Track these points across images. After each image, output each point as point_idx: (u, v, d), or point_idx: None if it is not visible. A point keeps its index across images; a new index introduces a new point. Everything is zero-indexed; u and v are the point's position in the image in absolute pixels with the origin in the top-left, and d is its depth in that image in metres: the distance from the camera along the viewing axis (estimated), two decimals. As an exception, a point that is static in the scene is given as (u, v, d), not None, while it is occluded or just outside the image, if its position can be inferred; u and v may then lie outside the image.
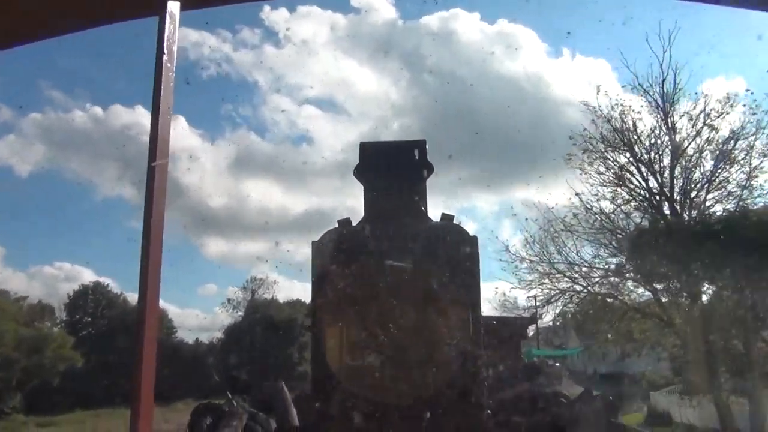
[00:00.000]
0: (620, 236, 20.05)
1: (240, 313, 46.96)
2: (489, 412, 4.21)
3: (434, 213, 4.64)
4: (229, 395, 5.76)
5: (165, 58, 1.89)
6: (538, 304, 22.24)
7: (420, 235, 4.19)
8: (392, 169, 4.39)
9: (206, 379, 41.32)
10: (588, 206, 20.23)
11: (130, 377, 1.79)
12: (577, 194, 20.41)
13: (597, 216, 20.58)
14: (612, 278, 21.37)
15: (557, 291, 21.69)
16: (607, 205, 20.57)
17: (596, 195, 20.55)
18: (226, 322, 46.31)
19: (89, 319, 43.32)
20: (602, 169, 20.31)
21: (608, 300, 21.46)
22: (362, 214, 4.67)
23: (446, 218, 4.43)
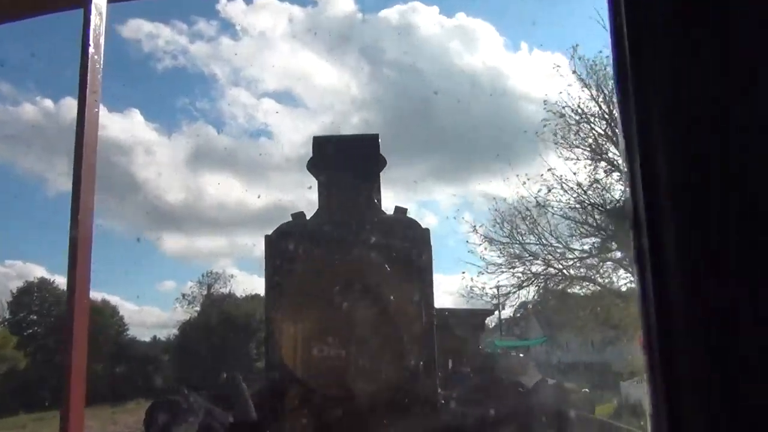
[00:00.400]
0: (599, 212, 18.43)
1: (196, 309, 45.72)
2: (443, 401, 4.29)
3: (392, 206, 4.69)
4: (186, 391, 5.69)
5: (91, 50, 1.86)
6: (509, 290, 20.52)
7: (372, 229, 4.21)
8: (345, 163, 4.39)
9: (161, 377, 40.47)
10: (563, 180, 18.66)
11: (61, 379, 1.78)
12: (549, 169, 19.03)
13: (573, 190, 18.81)
14: (589, 259, 19.47)
15: (530, 275, 19.94)
16: (584, 179, 18.85)
17: (572, 169, 18.92)
18: (182, 318, 45.48)
19: (34, 317, 42.20)
20: (578, 140, 18.80)
21: (585, 284, 20.01)
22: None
23: (399, 211, 4.46)
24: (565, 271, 19.85)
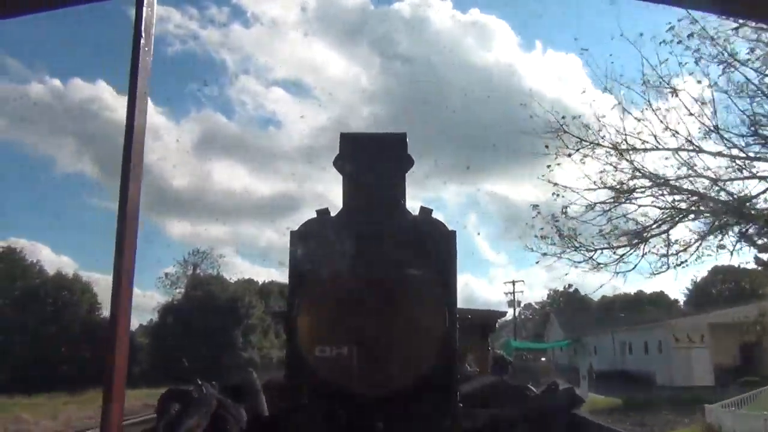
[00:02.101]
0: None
1: (180, 290, 42.19)
2: (461, 405, 4.28)
3: (408, 204, 4.68)
4: (199, 381, 5.69)
5: (142, 42, 1.85)
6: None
7: (399, 228, 4.21)
8: (373, 161, 4.38)
9: (132, 363, 36.17)
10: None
11: (103, 367, 1.80)
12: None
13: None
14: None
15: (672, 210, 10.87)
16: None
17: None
18: (162, 300, 41.70)
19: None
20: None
21: None
22: (332, 200, 4.67)
23: (425, 212, 4.45)
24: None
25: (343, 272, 4.39)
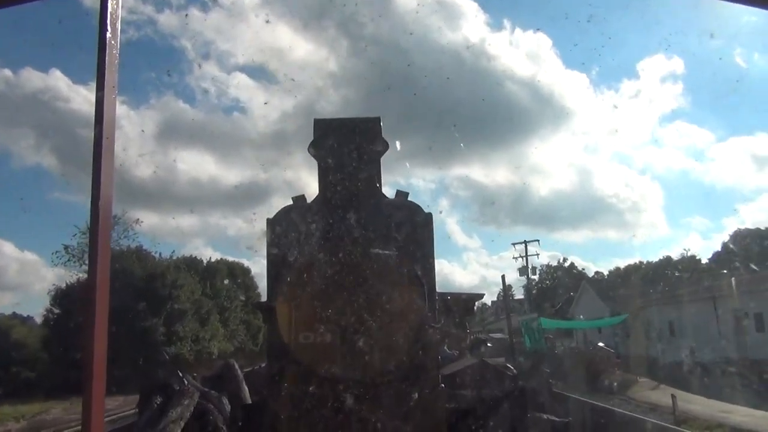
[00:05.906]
0: None
1: (85, 266, 33.79)
2: (443, 386, 4.37)
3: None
4: (180, 373, 5.74)
5: (109, 35, 1.84)
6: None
7: (376, 212, 4.26)
8: (348, 146, 4.41)
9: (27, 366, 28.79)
10: None
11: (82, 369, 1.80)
12: None
13: None
14: None
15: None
16: None
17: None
18: (62, 279, 32.89)
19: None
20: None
21: None
22: (301, 187, 4.70)
23: (401, 195, 4.52)
24: None
25: (320, 259, 4.44)
